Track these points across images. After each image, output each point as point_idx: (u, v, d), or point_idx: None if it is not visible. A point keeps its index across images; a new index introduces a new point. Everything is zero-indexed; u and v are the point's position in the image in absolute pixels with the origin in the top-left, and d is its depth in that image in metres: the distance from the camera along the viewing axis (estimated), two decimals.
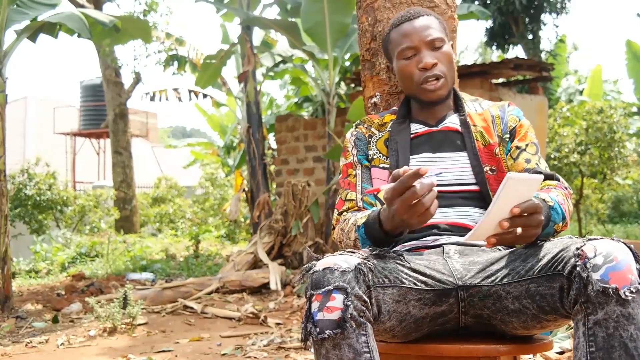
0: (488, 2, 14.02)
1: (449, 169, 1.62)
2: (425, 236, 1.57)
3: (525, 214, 1.28)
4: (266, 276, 5.54)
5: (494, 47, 15.65)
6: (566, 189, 1.55)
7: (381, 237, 1.43)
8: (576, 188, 10.87)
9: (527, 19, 14.47)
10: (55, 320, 4.48)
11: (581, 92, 16.89)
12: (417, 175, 1.26)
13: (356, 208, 1.64)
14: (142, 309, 4.28)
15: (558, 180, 1.58)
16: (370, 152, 1.72)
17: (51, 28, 5.65)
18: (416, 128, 1.71)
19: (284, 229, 6.32)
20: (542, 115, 7.54)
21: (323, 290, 1.23)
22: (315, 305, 1.24)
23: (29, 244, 9.53)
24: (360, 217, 1.50)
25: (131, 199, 12.61)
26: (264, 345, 3.51)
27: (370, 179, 1.69)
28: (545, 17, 14.58)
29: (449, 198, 1.59)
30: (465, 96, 1.77)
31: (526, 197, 1.28)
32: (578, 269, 1.23)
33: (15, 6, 5.17)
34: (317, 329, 1.22)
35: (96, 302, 4.14)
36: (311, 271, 1.29)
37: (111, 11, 13.79)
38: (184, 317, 4.60)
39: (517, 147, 1.65)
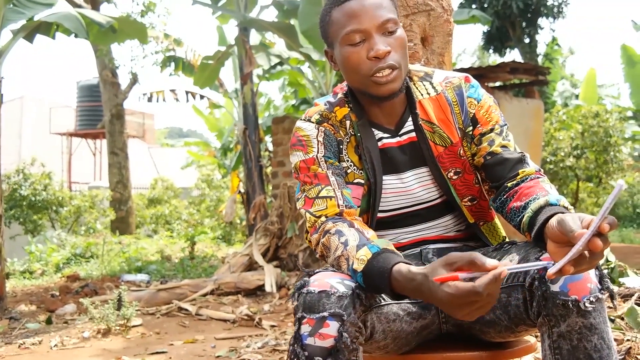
0: (485, 5, 14.06)
1: (414, 189, 1.47)
2: (412, 256, 1.50)
3: (606, 233, 1.04)
4: (261, 278, 5.53)
5: (491, 51, 15.71)
6: (540, 171, 1.42)
7: (383, 293, 1.22)
8: (572, 192, 10.90)
9: (524, 23, 14.52)
10: (49, 321, 4.47)
11: (577, 96, 16.95)
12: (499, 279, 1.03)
13: (337, 212, 1.37)
14: (137, 310, 4.27)
15: (529, 163, 1.42)
16: (343, 164, 1.46)
17: (48, 28, 5.65)
18: (379, 134, 1.47)
19: (280, 231, 6.31)
20: (538, 119, 7.55)
21: (318, 315, 1.16)
22: (305, 329, 1.17)
23: (24, 244, 9.51)
24: (356, 257, 1.24)
25: (127, 200, 12.58)
26: (259, 348, 3.50)
27: (345, 185, 1.44)
28: (542, 21, 14.64)
29: (417, 216, 1.49)
30: (414, 72, 1.50)
31: (607, 211, 1.02)
32: (536, 282, 1.21)
33: (11, 5, 5.16)
34: (306, 353, 1.16)
35: (90, 304, 4.12)
36: (305, 291, 1.20)
37: (108, 12, 13.78)
38: (179, 319, 4.59)
39: (481, 134, 1.45)
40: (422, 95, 1.47)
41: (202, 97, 10.68)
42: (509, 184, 1.39)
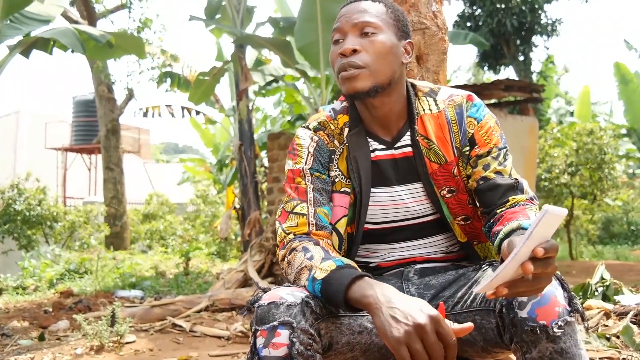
0: (480, 23, 14.18)
1: (406, 204, 1.46)
2: (393, 274, 1.49)
3: (546, 257, 1.05)
4: None
5: (485, 68, 15.80)
6: (533, 199, 1.41)
7: (341, 305, 1.23)
8: (566, 209, 10.91)
9: (518, 41, 14.63)
10: (41, 337, 4.43)
11: (571, 114, 17.05)
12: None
13: (305, 231, 1.40)
14: (131, 327, 4.24)
15: (522, 190, 1.41)
16: (332, 173, 1.47)
17: (45, 44, 5.67)
18: (373, 145, 1.47)
19: (275, 247, 6.30)
20: (532, 136, 7.58)
21: (268, 325, 1.19)
22: (260, 341, 1.19)
23: (17, 259, 9.45)
24: (320, 267, 1.26)
25: (122, 215, 12.54)
26: None
27: (326, 201, 1.45)
28: (536, 39, 14.76)
29: (409, 230, 1.48)
30: (421, 87, 1.51)
31: (548, 236, 1.04)
32: (504, 309, 1.21)
33: (8, 21, 5.19)
34: None
35: (84, 320, 4.09)
36: (256, 305, 1.24)
37: (105, 27, 13.83)
38: (173, 336, 4.55)
39: (477, 156, 1.44)
40: (424, 110, 1.47)
41: (197, 112, 10.70)
42: (498, 210, 1.38)
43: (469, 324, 1.14)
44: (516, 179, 1.43)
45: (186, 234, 13.90)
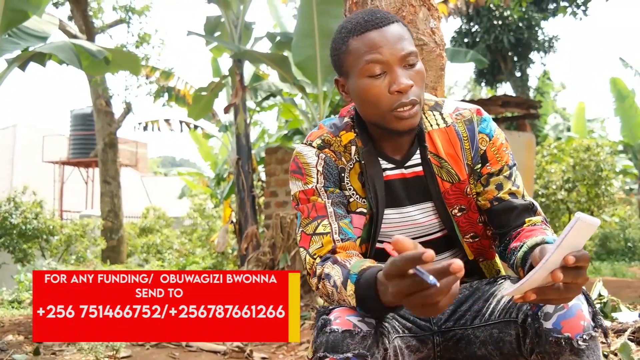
0: (477, 39, 14.28)
1: (417, 223, 1.44)
2: None
3: (578, 266, 1.02)
4: None
5: (483, 84, 15.90)
6: (546, 221, 1.40)
7: (381, 313, 1.20)
8: (564, 225, 10.91)
9: (515, 57, 14.72)
10: (36, 352, 4.39)
11: (569, 129, 17.12)
12: (418, 260, 0.95)
13: (330, 249, 1.33)
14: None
15: (535, 211, 1.40)
16: (346, 193, 1.41)
17: (41, 57, 5.70)
18: (383, 164, 1.42)
19: (272, 261, 6.27)
20: (530, 152, 7.61)
21: (341, 356, 1.15)
22: None
23: (13, 273, 9.40)
24: (347, 295, 1.21)
25: (118, 229, 12.51)
26: None
27: (346, 214, 1.40)
28: (533, 55, 14.86)
29: None
30: (425, 101, 1.45)
31: (579, 245, 1.02)
32: (529, 319, 1.21)
33: (7, 36, 5.21)
34: None
35: None
36: (328, 330, 1.19)
37: (104, 42, 13.91)
38: (169, 350, 4.52)
39: (489, 174, 1.41)
40: (431, 126, 1.42)
41: (196, 127, 10.71)
42: (514, 232, 1.38)
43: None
44: (531, 201, 1.41)
45: (183, 248, 13.86)
